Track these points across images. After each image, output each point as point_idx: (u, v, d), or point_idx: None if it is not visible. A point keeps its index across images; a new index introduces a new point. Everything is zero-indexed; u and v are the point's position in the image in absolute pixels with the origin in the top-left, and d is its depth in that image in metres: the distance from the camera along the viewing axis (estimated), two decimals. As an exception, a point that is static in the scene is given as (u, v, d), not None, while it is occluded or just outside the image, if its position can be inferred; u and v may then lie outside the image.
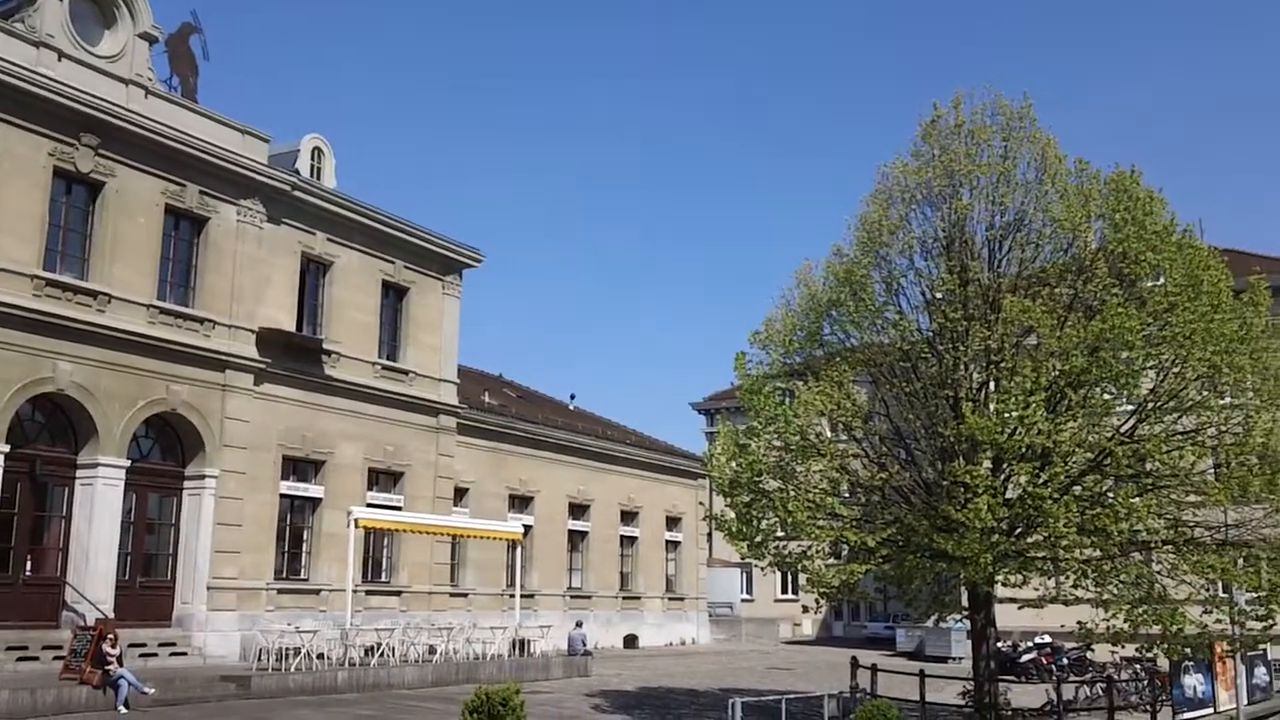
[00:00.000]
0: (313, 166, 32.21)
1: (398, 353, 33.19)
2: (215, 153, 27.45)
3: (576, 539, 42.54)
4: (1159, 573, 19.72)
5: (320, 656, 24.99)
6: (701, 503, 45.69)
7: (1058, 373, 18.73)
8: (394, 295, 33.32)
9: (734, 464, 21.81)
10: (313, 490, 29.92)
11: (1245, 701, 24.39)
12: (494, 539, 34.44)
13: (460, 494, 35.78)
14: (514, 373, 74.64)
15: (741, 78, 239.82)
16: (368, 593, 30.55)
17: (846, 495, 21.73)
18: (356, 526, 27.38)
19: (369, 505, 30.43)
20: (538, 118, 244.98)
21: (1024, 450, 18.72)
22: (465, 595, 35.47)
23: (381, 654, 26.40)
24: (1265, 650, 26.92)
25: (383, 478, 32.20)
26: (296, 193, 29.57)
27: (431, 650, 27.98)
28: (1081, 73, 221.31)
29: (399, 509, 31.63)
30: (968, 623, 22.37)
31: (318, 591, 29.43)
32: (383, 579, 31.93)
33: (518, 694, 13.69)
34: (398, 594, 31.79)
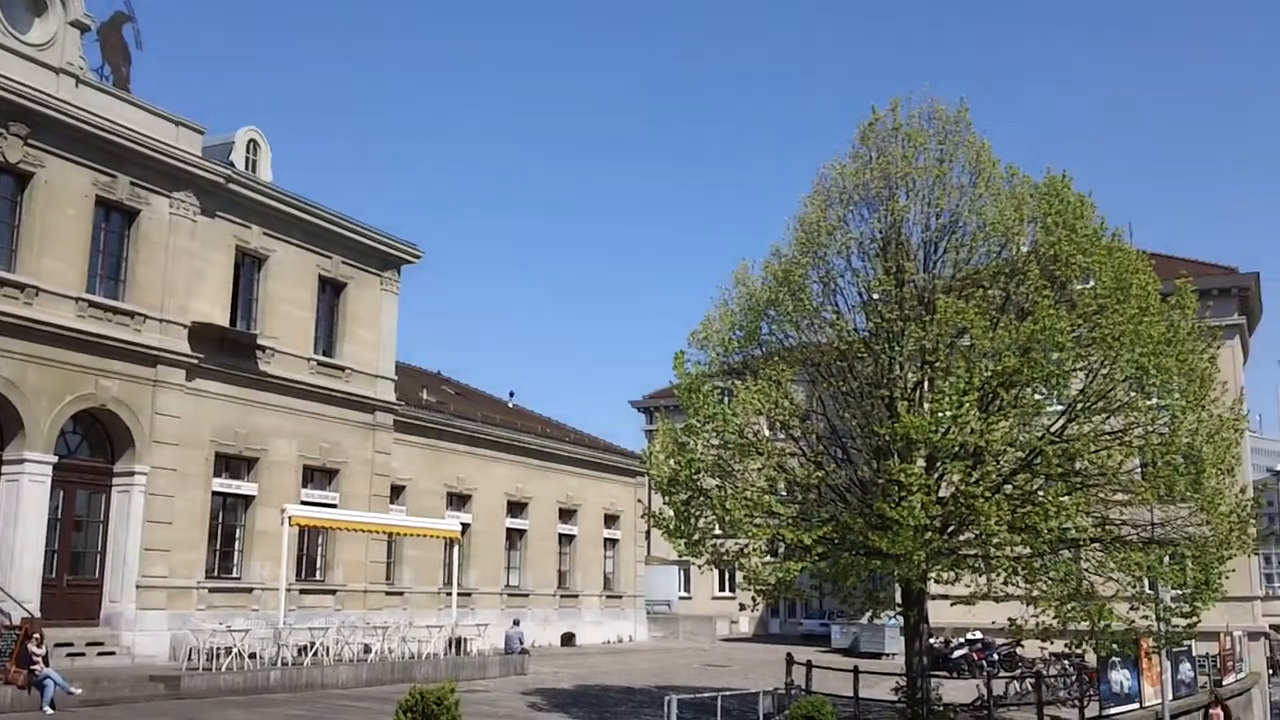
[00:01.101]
0: (248, 159, 31.74)
1: (334, 349, 32.83)
2: (148, 144, 26.95)
3: (515, 537, 42.40)
4: (1087, 570, 20.14)
5: (252, 656, 24.65)
6: (640, 500, 45.76)
7: (990, 373, 19.03)
8: (331, 291, 32.95)
9: (672, 462, 21.92)
10: (246, 487, 29.51)
11: (1170, 696, 24.97)
12: (431, 537, 34.22)
13: (397, 491, 35.50)
14: (453, 370, 74.38)
15: (693, 69, 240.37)
16: (301, 591, 30.18)
17: (784, 493, 21.93)
18: (290, 524, 27.06)
19: (303, 503, 30.07)
20: (478, 115, 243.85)
21: (957, 449, 19.02)
22: (401, 594, 35.21)
23: (315, 653, 26.10)
24: (1190, 647, 27.56)
25: (318, 475, 31.84)
26: (231, 185, 29.13)
27: (366, 649, 27.73)
28: (1016, 77, 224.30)
29: (334, 506, 31.31)
30: (901, 619, 22.66)
31: (250, 590, 29.03)
32: (317, 577, 31.58)
33: (453, 693, 13.61)
34: (332, 592, 31.47)
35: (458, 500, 39.07)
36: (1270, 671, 56.01)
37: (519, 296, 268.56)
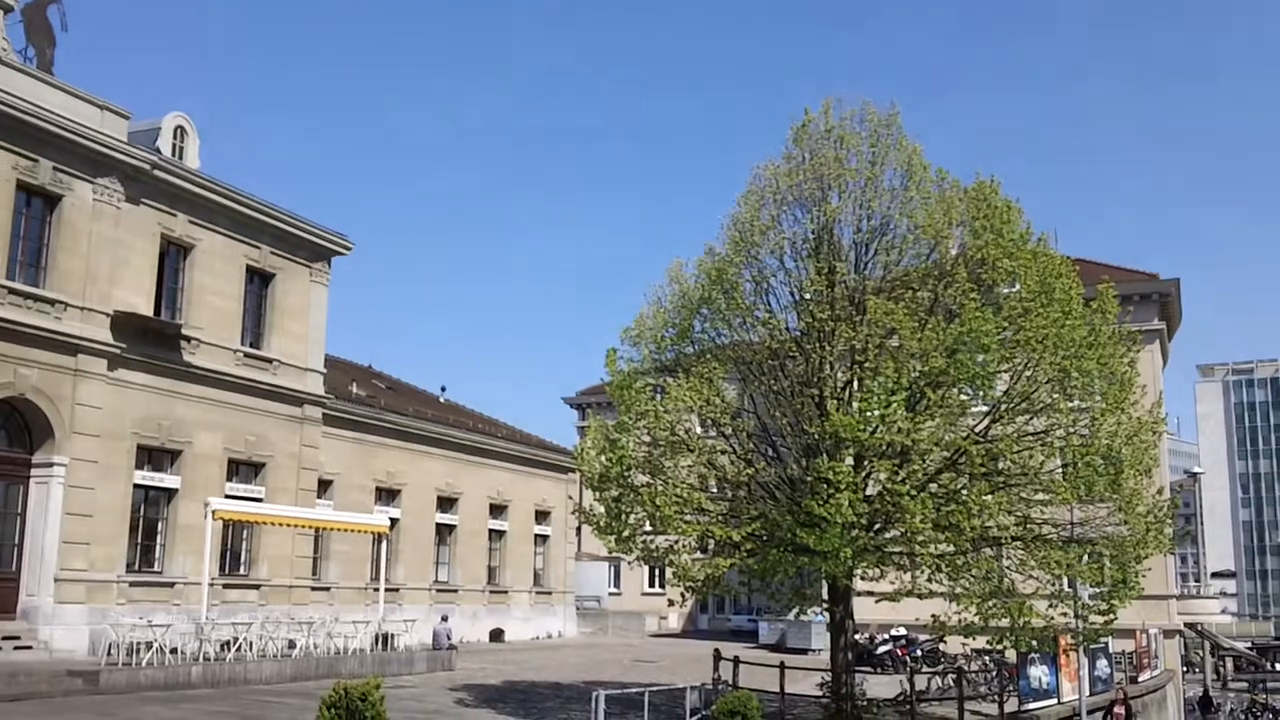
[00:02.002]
0: (175, 146, 31.15)
1: (262, 340, 32.35)
2: (71, 128, 26.33)
3: (444, 532, 42.15)
4: (1008, 568, 20.54)
5: (174, 651, 24.26)
6: (571, 496, 45.65)
7: (918, 373, 19.31)
8: (259, 281, 32.45)
9: (604, 458, 21.93)
10: (168, 480, 28.98)
11: (1088, 692, 25.50)
12: (359, 532, 33.89)
13: (325, 486, 35.11)
14: (384, 364, 73.87)
15: (617, 70, 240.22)
16: (225, 586, 29.73)
17: (714, 491, 22.06)
18: (214, 518, 26.64)
19: (228, 496, 29.60)
20: (413, 110, 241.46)
21: (884, 448, 19.27)
22: (328, 589, 34.83)
23: (238, 649, 25.76)
24: (1107, 644, 28.17)
25: (243, 468, 31.36)
26: (157, 172, 28.55)
27: (291, 645, 27.41)
28: (945, 81, 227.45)
29: (260, 500, 30.86)
30: (827, 616, 22.90)
31: (172, 585, 28.51)
32: (241, 572, 31.11)
33: (378, 689, 13.52)
34: (257, 587, 31.02)
35: (387, 495, 38.75)
36: (1184, 669, 57.52)
37: (453, 291, 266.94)
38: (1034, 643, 21.31)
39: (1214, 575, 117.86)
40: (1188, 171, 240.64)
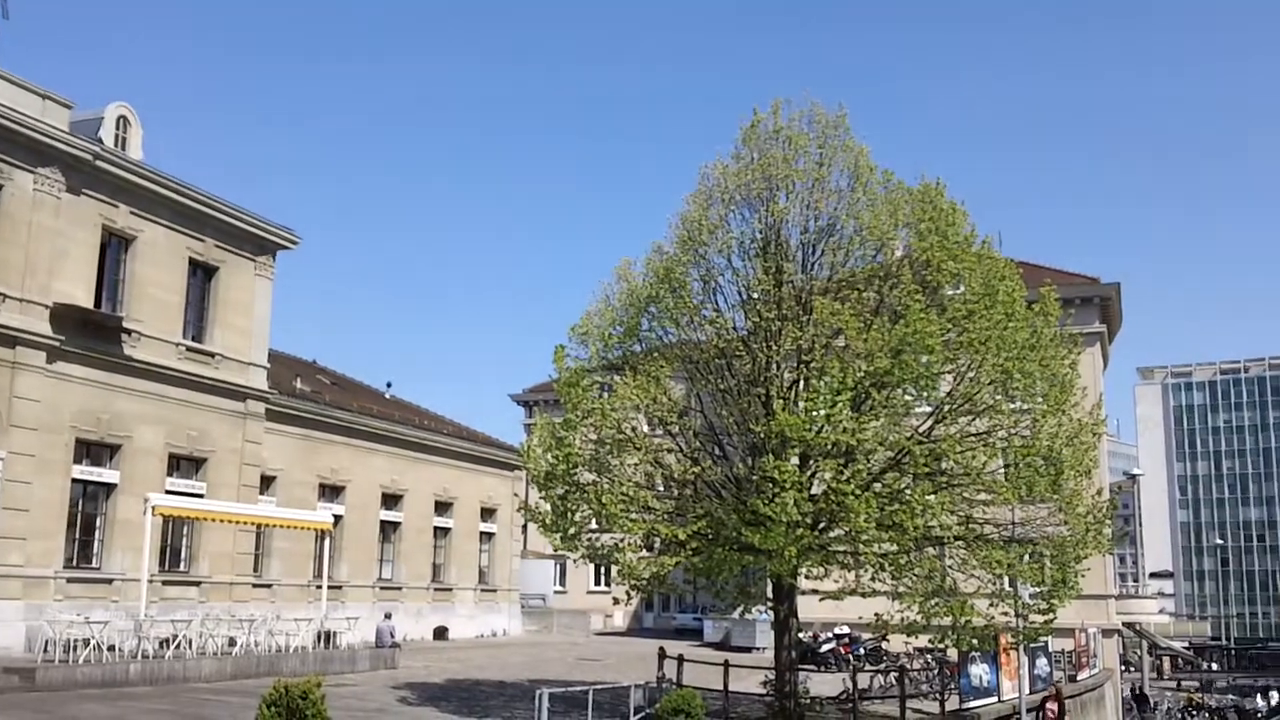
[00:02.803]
0: (118, 136, 30.66)
1: (204, 334, 31.92)
2: (12, 117, 25.83)
3: (389, 529, 41.86)
4: (950, 567, 20.74)
5: (111, 648, 23.90)
6: (517, 494, 45.54)
7: (863, 373, 19.43)
8: (202, 274, 32.03)
9: (550, 456, 21.87)
10: (108, 475, 28.53)
11: (1027, 691, 25.84)
12: (302, 529, 33.56)
13: (268, 482, 34.75)
14: (329, 359, 73.20)
15: (561, 70, 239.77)
16: (165, 583, 29.34)
17: (660, 489, 22.08)
18: (154, 514, 26.24)
19: (168, 492, 29.21)
20: (362, 105, 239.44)
21: (829, 447, 19.39)
22: (269, 586, 34.48)
23: (178, 646, 25.40)
24: (1046, 643, 28.56)
25: (184, 464, 30.94)
26: (99, 162, 28.09)
27: (231, 642, 27.07)
28: (896, 83, 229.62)
29: (201, 496, 30.46)
30: (772, 614, 22.99)
31: (110, 581, 28.08)
32: (181, 569, 30.70)
33: (319, 687, 13.37)
34: (197, 584, 30.63)
35: (331, 491, 38.43)
36: (1122, 667, 58.48)
37: (400, 286, 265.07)
38: (975, 641, 21.54)
39: (1152, 576, 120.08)
40: (1127, 173, 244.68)
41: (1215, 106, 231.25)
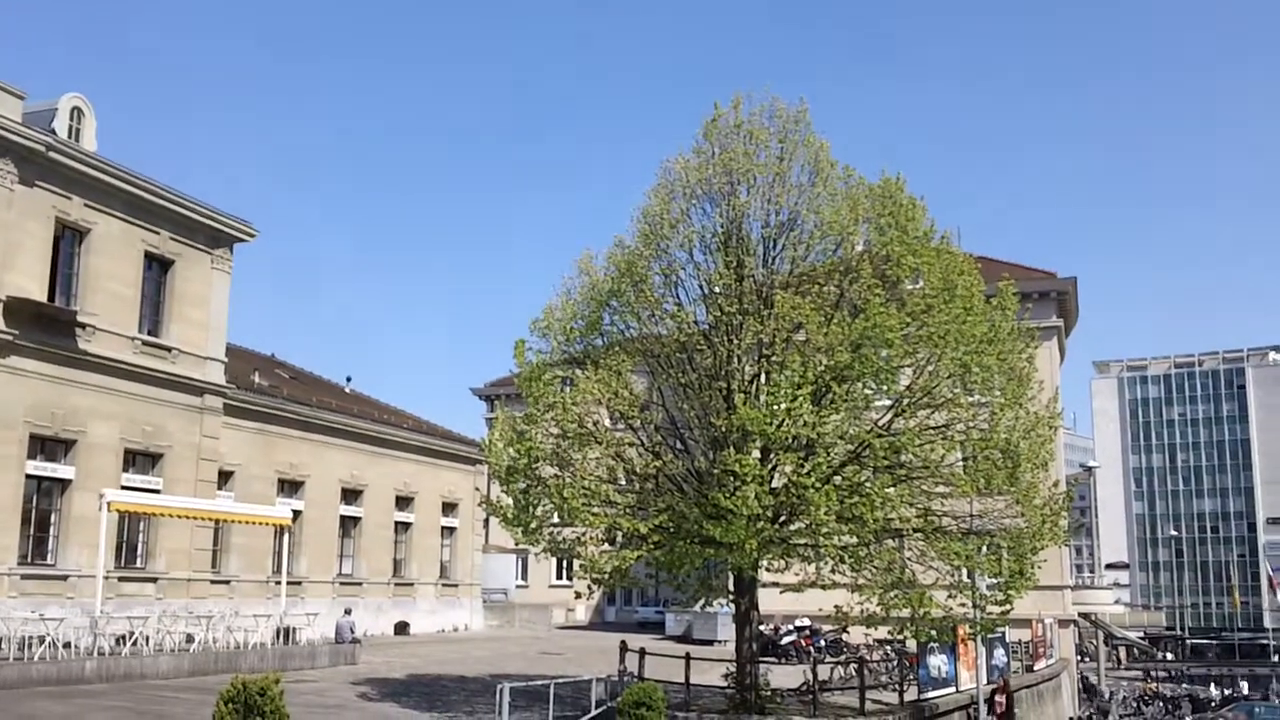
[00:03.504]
0: (71, 127, 30.21)
1: (160, 328, 31.53)
2: (-40, 106, 25.40)
3: (349, 524, 41.60)
4: (909, 559, 20.91)
5: (67, 645, 23.64)
6: (479, 488, 45.44)
7: (824, 367, 19.54)
8: (158, 267, 31.63)
9: (511, 450, 21.83)
10: (62, 471, 28.15)
11: (985, 681, 26.13)
12: (260, 524, 33.30)
13: (226, 477, 34.43)
14: (288, 353, 72.50)
15: (526, 64, 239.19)
16: (121, 579, 28.98)
17: (622, 483, 22.09)
18: (109, 510, 25.98)
19: (124, 487, 28.86)
20: (322, 98, 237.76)
21: (790, 441, 19.47)
22: (228, 582, 34.17)
23: (134, 643, 25.14)
24: (1004, 633, 28.87)
25: (140, 459, 30.57)
26: (51, 154, 27.64)
27: (189, 639, 26.84)
28: (854, 77, 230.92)
29: (158, 492, 30.12)
30: (733, 607, 23.09)
31: (65, 578, 27.71)
32: (138, 565, 30.35)
33: (277, 683, 13.28)
34: (154, 580, 30.29)
35: (290, 487, 38.14)
36: (1079, 657, 59.25)
37: (361, 281, 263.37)
38: (933, 633, 21.76)
39: (1108, 567, 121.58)
40: (1084, 170, 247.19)
41: (1170, 104, 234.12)
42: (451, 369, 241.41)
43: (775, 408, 19.29)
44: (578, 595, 23.67)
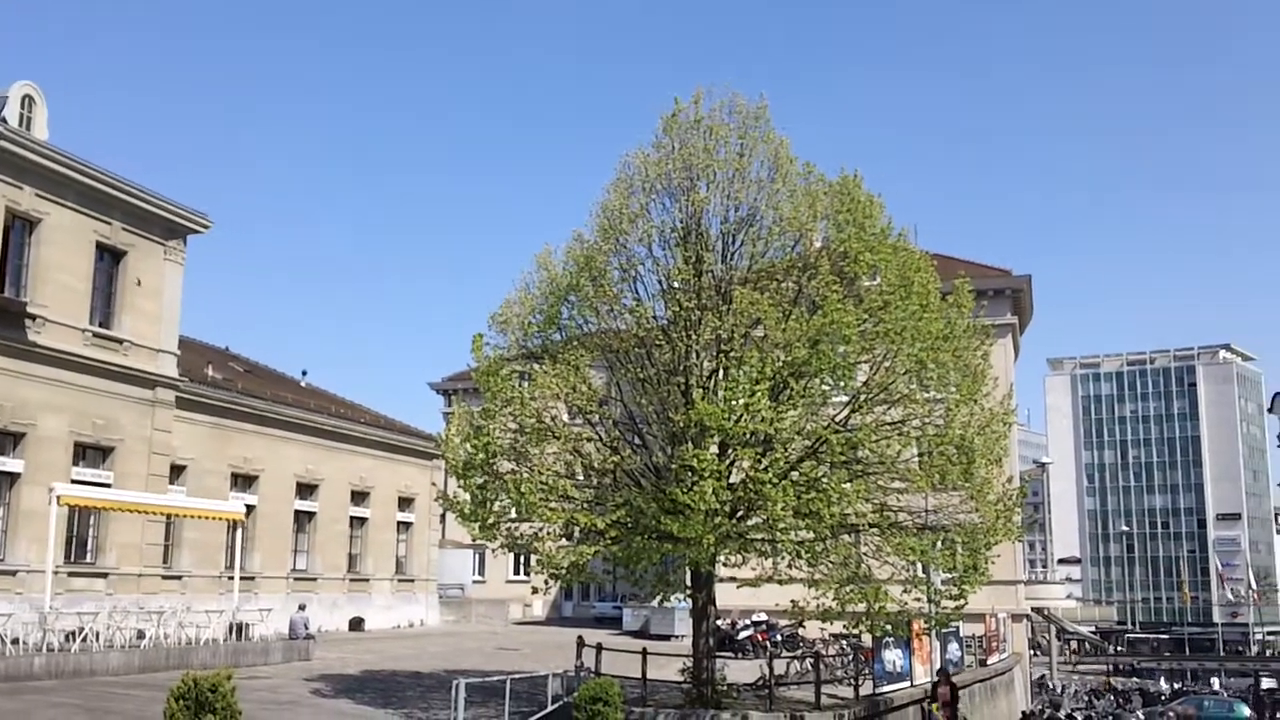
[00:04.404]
0: (22, 116, 29.69)
1: (112, 320, 31.08)
2: (-94, 92, 24.89)
3: (303, 519, 41.25)
4: (865, 554, 21.02)
5: (15, 642, 23.26)
6: (436, 483, 45.21)
7: (781, 363, 19.61)
8: (110, 258, 31.17)
9: (469, 445, 21.75)
10: (10, 464, 27.69)
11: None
12: (213, 519, 32.91)
13: (178, 471, 34.02)
14: (243, 346, 71.91)
15: (484, 56, 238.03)
16: (71, 574, 28.56)
17: (579, 478, 22.05)
18: (59, 504, 25.58)
19: (74, 482, 28.42)
20: (278, 91, 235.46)
21: (748, 436, 19.52)
22: (180, 578, 33.78)
23: (84, 639, 24.77)
24: (958, 628, 29.14)
25: (91, 453, 30.12)
26: (2, 142, 27.17)
27: (140, 635, 26.49)
28: (819, 73, 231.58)
29: (108, 486, 29.71)
30: (690, 602, 23.12)
31: (14, 573, 27.26)
32: (88, 560, 29.92)
33: (229, 679, 13.14)
34: (104, 576, 29.88)
35: (243, 481, 37.77)
36: (1031, 651, 59.91)
37: (317, 273, 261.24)
38: (888, 627, 21.91)
39: (1060, 562, 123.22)
40: (1041, 168, 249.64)
41: (1123, 102, 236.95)
42: (409, 363, 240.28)
43: (733, 403, 19.33)
44: (535, 591, 23.73)
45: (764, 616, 37.36)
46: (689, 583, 22.70)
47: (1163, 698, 61.73)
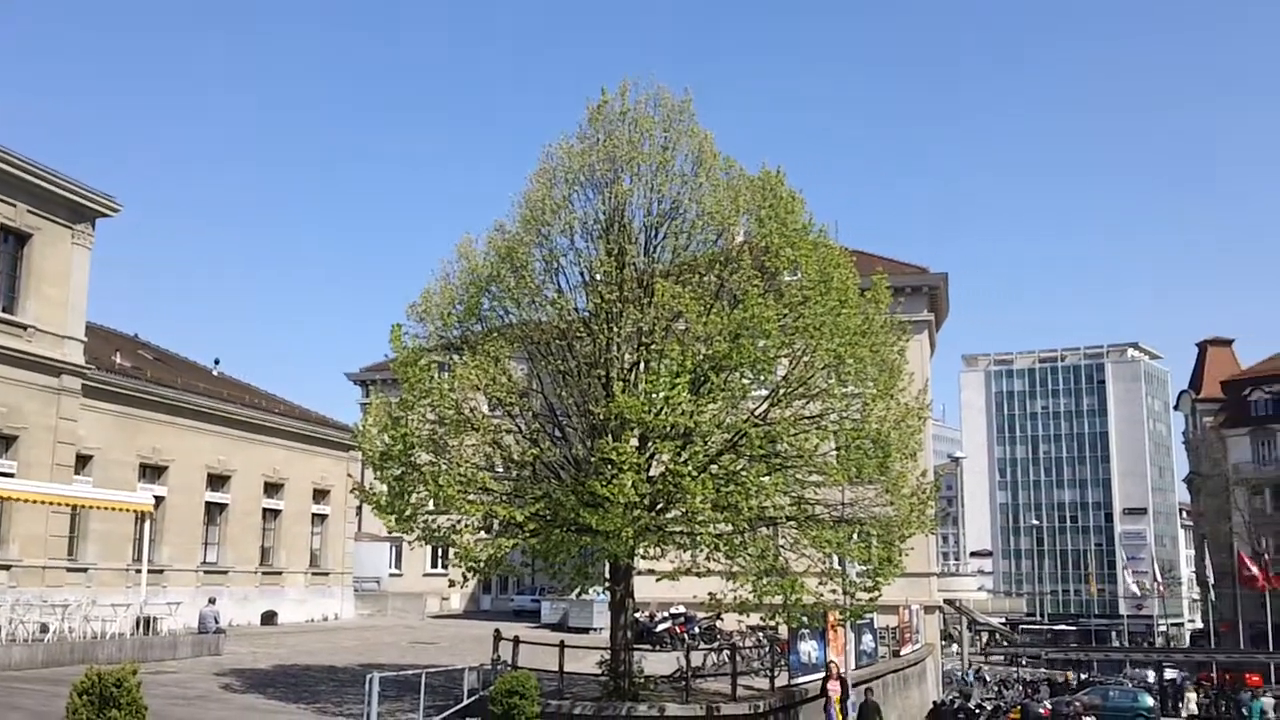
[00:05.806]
0: (-79, 91, 28.68)
1: (15, 305, 30.13)
2: None
3: (214, 511, 40.45)
4: (783, 547, 21.20)
5: (-91, 638, 22.46)
6: (352, 475, 44.64)
7: (702, 356, 19.69)
8: (14, 242, 30.20)
9: (386, 436, 21.50)
10: (-94, 454, 26.76)
11: (854, 666, 26.66)
12: (120, 510, 32.09)
13: (84, 461, 33.15)
14: (153, 334, 70.33)
15: (403, 44, 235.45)
16: (-30, 568, 27.69)
17: (498, 470, 21.91)
18: (-42, 495, 24.76)
19: (-25, 471, 27.56)
20: (203, 72, 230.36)
21: (668, 429, 19.56)
22: (85, 570, 32.94)
23: (-16, 634, 24.05)
24: (872, 619, 29.50)
25: (-8, 442, 29.23)
26: (-102, 119, 26.21)
27: (44, 629, 25.78)
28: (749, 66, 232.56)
29: (11, 476, 28.81)
30: (609, 595, 23.11)
31: (-92, 566, 26.38)
32: (-11, 552, 29.04)
33: (134, 674, 12.83)
34: (6, 568, 28.99)
35: (152, 472, 36.94)
36: (943, 643, 61.00)
37: (231, 260, 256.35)
38: (805, 619, 22.13)
39: (972, 554, 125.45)
40: (960, 166, 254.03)
41: (1038, 101, 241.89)
42: (326, 354, 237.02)
43: (654, 396, 19.36)
44: (452, 584, 23.38)
45: (682, 609, 37.51)
46: (608, 576, 22.68)
47: (1071, 687, 63.22)
